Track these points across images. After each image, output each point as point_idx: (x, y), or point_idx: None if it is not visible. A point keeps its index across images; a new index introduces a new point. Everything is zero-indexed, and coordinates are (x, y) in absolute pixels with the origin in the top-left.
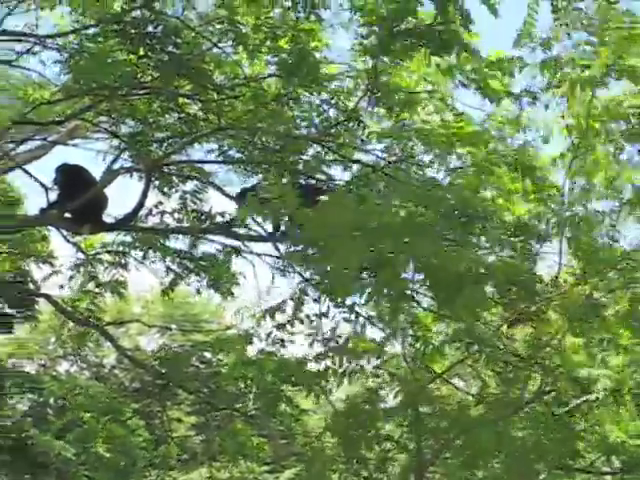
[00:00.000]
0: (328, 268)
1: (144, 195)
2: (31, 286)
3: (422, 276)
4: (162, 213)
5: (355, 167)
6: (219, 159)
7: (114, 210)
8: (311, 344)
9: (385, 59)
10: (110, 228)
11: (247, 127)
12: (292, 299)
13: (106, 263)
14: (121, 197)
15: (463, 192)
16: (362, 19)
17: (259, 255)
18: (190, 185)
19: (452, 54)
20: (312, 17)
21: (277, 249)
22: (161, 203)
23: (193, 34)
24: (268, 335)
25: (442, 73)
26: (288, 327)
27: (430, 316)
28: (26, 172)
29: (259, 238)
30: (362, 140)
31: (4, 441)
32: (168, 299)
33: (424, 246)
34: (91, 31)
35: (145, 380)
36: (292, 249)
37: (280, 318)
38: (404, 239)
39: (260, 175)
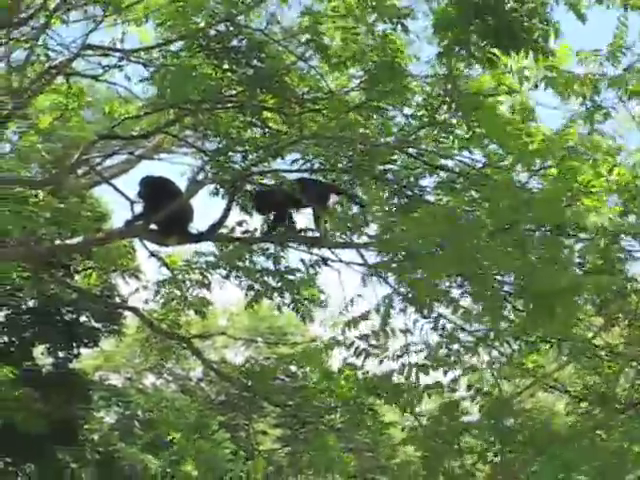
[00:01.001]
0: (417, 277)
1: (228, 207)
2: (117, 300)
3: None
4: (246, 231)
5: (441, 174)
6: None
7: (199, 224)
8: (400, 356)
9: (461, 64)
10: (196, 239)
11: (330, 137)
12: (377, 310)
13: (189, 282)
14: (206, 210)
15: (554, 202)
16: (435, 20)
17: (347, 264)
18: None
19: (529, 56)
20: (399, 28)
21: (362, 257)
22: (245, 222)
23: (277, 48)
24: (350, 345)
25: (519, 76)
26: (373, 338)
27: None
28: (112, 186)
29: (344, 245)
30: (445, 146)
31: (91, 454)
32: (253, 312)
33: (513, 262)
34: (176, 46)
35: (231, 393)
36: (381, 259)
37: (365, 329)
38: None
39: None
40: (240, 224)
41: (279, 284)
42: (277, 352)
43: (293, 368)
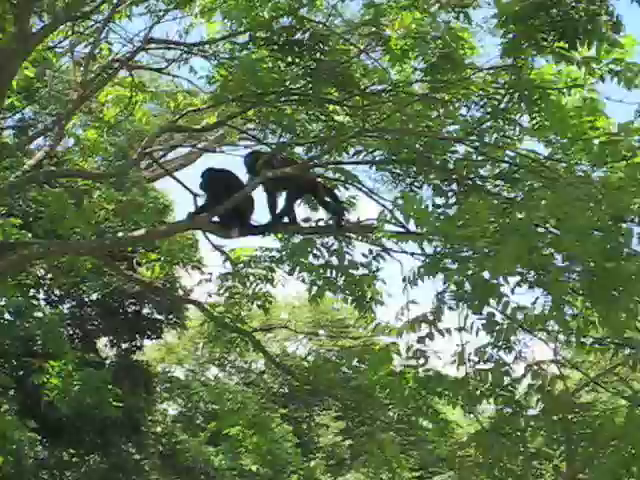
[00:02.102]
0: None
1: (289, 199)
2: (180, 292)
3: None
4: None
5: (504, 166)
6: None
7: (261, 217)
8: (455, 362)
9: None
10: (257, 232)
11: (393, 129)
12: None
13: (252, 277)
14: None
15: (620, 194)
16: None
17: (413, 254)
18: (338, 195)
19: (592, 47)
20: (461, 17)
21: (422, 248)
22: (310, 218)
23: (340, 41)
24: (408, 349)
25: (585, 67)
26: (429, 339)
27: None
28: (175, 179)
29: (403, 234)
30: (509, 138)
31: (154, 446)
32: (315, 305)
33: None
34: (240, 39)
35: (292, 386)
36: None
37: (424, 330)
38: (564, 241)
39: (409, 178)
40: (306, 221)
41: (342, 280)
42: (339, 345)
43: (354, 362)
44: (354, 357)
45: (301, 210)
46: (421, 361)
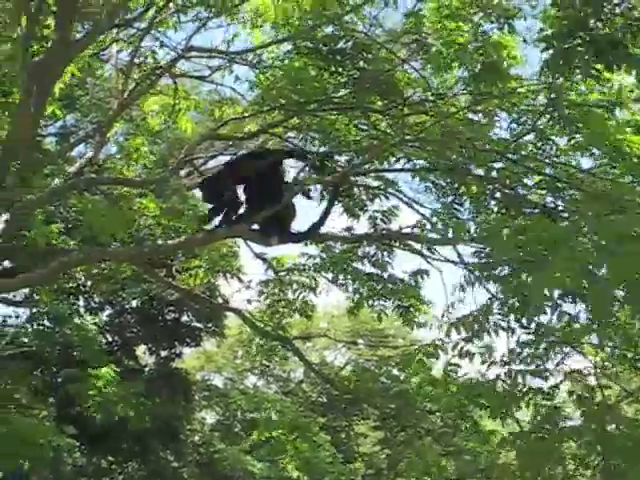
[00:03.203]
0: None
1: (330, 206)
2: (219, 300)
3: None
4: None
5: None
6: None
7: (302, 224)
8: (490, 364)
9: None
10: (297, 240)
11: (434, 139)
12: (476, 316)
13: (295, 285)
14: (310, 211)
15: None
16: (546, 28)
17: (455, 263)
18: (379, 204)
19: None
20: (505, 28)
21: (459, 255)
22: (351, 228)
23: (383, 50)
24: (454, 347)
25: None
26: (473, 342)
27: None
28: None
29: (443, 242)
30: (547, 154)
31: (192, 454)
32: (354, 314)
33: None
34: (282, 48)
35: (332, 395)
36: (482, 263)
37: (466, 333)
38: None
39: (449, 188)
40: (348, 230)
41: (383, 290)
42: (378, 355)
43: (394, 371)
44: (394, 365)
45: (342, 219)
46: (465, 360)
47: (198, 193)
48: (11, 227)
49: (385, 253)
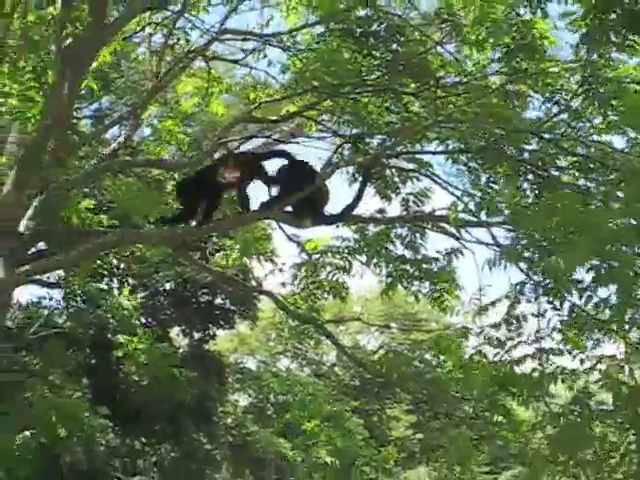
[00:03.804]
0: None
1: (362, 188)
2: (252, 283)
3: None
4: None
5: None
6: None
7: (335, 207)
8: (533, 342)
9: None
10: (330, 222)
11: (467, 119)
12: (508, 297)
13: (329, 267)
14: (343, 193)
15: None
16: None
17: (488, 244)
18: (411, 186)
19: None
20: (539, 12)
21: (493, 237)
22: (383, 210)
23: (416, 32)
24: (480, 333)
25: None
26: (503, 326)
27: None
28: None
29: (476, 224)
30: (581, 133)
31: (225, 436)
32: (387, 298)
33: None
34: (315, 30)
35: (364, 378)
36: (514, 244)
37: (497, 316)
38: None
39: (482, 169)
40: (380, 212)
41: (417, 272)
42: (411, 339)
43: (427, 355)
44: (427, 350)
45: (374, 201)
46: (495, 346)
47: None
48: (45, 209)
49: (418, 235)
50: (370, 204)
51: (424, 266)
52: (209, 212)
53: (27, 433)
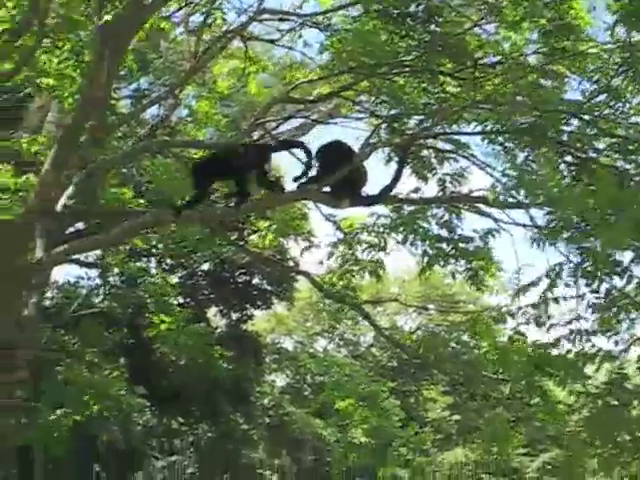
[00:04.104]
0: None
1: (400, 169)
2: (290, 263)
3: None
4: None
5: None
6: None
7: (373, 188)
8: (569, 322)
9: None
10: (367, 203)
11: (505, 101)
12: (547, 276)
13: (365, 244)
14: (380, 174)
15: None
16: None
17: (524, 225)
18: (448, 167)
19: None
20: None
21: (532, 219)
22: (419, 189)
23: (453, 12)
24: (519, 313)
25: None
26: (541, 307)
27: None
28: (287, 150)
29: (514, 205)
30: (623, 114)
31: (262, 417)
32: (424, 279)
33: None
34: (353, 10)
35: (401, 359)
36: (552, 225)
37: (535, 296)
38: None
39: (520, 150)
40: (415, 191)
41: (453, 251)
42: (449, 320)
43: (464, 337)
44: (464, 331)
45: (411, 181)
46: (532, 326)
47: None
48: (84, 189)
49: (454, 215)
50: (407, 183)
51: (460, 245)
52: (243, 193)
53: (62, 411)
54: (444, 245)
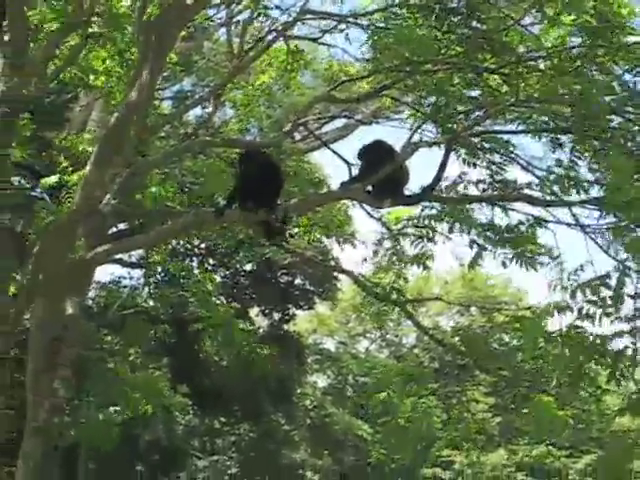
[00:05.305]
0: None
1: (442, 167)
2: (332, 263)
3: None
4: (466, 183)
5: None
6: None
7: (417, 184)
8: (629, 319)
9: None
10: (410, 201)
11: (548, 99)
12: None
13: (412, 237)
14: (424, 170)
15: None
16: None
17: (568, 224)
18: (495, 158)
19: None
20: None
21: (574, 216)
22: (465, 173)
23: (495, 8)
24: (579, 309)
25: None
26: (602, 303)
27: None
28: (331, 150)
29: (560, 204)
30: None
31: (304, 418)
32: (467, 281)
33: None
34: (395, 8)
35: (443, 360)
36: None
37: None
38: None
39: (563, 146)
40: (461, 176)
41: (500, 239)
42: (492, 321)
43: (506, 338)
44: (508, 332)
45: (456, 166)
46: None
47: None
48: (127, 189)
49: (499, 209)
50: (451, 171)
51: (507, 234)
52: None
53: (111, 410)
54: (491, 233)
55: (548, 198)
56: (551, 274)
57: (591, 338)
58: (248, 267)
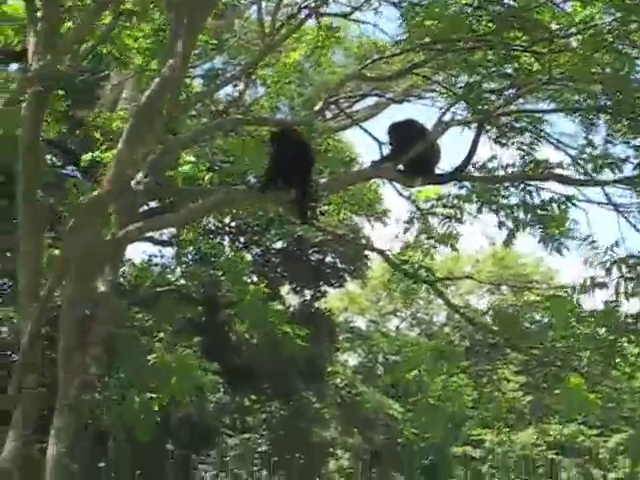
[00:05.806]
0: None
1: (474, 147)
2: (363, 241)
3: None
4: (496, 165)
5: None
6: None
7: (449, 162)
8: None
9: None
10: (442, 180)
11: (580, 78)
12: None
13: (441, 216)
14: (456, 148)
15: None
16: None
17: (599, 203)
18: (526, 138)
19: None
20: None
21: (606, 195)
22: (495, 157)
23: None
24: (616, 285)
25: None
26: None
27: None
28: (362, 128)
29: (592, 183)
30: None
31: (334, 396)
32: (499, 260)
33: None
34: None
35: (474, 339)
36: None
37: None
38: None
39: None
40: (493, 158)
41: (531, 219)
42: (523, 300)
43: (537, 316)
44: (539, 311)
45: (487, 148)
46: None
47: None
48: (159, 167)
49: (529, 189)
50: (482, 150)
51: (538, 213)
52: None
53: (148, 395)
54: (520, 214)
55: (580, 177)
56: (582, 252)
57: (623, 317)
58: (279, 245)
